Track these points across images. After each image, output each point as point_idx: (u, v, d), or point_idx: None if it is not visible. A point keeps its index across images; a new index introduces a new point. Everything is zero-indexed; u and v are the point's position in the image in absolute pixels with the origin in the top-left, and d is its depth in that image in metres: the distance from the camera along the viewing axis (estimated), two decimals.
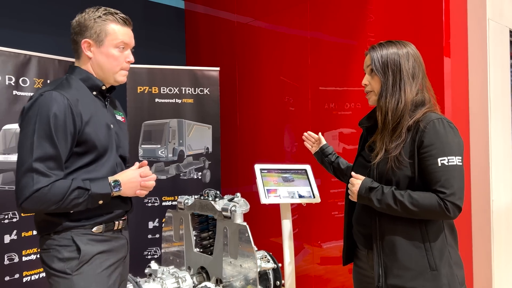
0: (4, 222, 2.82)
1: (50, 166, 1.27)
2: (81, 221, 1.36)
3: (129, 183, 1.40)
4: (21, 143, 1.28)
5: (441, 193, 1.38)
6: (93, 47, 1.42)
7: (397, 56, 1.50)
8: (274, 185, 1.94)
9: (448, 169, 1.38)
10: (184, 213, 2.57)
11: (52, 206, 1.27)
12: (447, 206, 1.38)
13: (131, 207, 1.53)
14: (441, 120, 1.42)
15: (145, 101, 3.62)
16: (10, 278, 2.83)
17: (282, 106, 3.78)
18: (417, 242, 1.42)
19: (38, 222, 1.39)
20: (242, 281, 2.12)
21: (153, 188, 1.52)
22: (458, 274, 1.45)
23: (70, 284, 1.32)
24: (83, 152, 1.35)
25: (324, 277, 3.44)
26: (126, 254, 1.52)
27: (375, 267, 1.46)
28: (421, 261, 1.41)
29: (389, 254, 1.44)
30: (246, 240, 2.10)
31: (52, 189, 1.26)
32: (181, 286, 2.30)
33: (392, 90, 1.49)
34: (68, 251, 1.33)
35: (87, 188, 1.30)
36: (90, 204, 1.32)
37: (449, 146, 1.39)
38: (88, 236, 1.37)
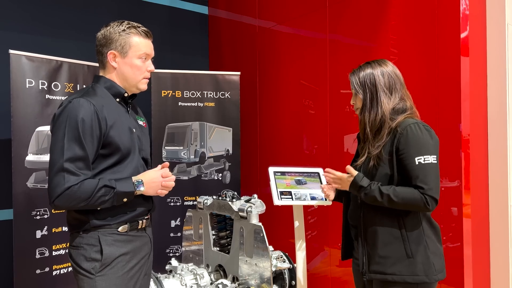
0: (36, 218, 3.00)
1: (79, 166, 1.39)
2: (107, 219, 1.47)
3: (151, 182, 1.50)
4: (52, 146, 1.41)
5: (420, 188, 1.57)
6: (118, 58, 1.54)
7: (372, 75, 1.72)
8: (287, 187, 2.01)
9: (424, 166, 1.57)
10: (203, 212, 2.68)
11: (82, 203, 1.38)
12: (426, 199, 1.56)
13: (153, 206, 1.64)
14: (416, 124, 1.62)
15: (169, 105, 3.76)
16: (41, 271, 3.00)
17: (302, 110, 3.84)
18: (395, 233, 1.60)
19: (69, 220, 1.52)
20: (257, 279, 2.20)
21: (174, 188, 1.62)
22: (435, 262, 1.61)
23: (93, 284, 1.43)
24: (108, 154, 1.47)
25: (341, 279, 3.47)
26: (150, 252, 1.63)
27: (360, 256, 1.66)
28: (399, 249, 1.59)
29: (371, 244, 1.63)
30: (261, 240, 2.18)
31: (82, 187, 1.37)
32: (199, 283, 2.40)
33: (370, 105, 1.71)
34: (94, 251, 1.44)
35: (113, 187, 1.42)
36: (115, 202, 1.43)
37: (425, 147, 1.58)
38: (114, 236, 1.47)
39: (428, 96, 2.88)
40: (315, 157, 3.70)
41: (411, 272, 1.58)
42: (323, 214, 3.60)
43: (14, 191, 2.91)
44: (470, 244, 2.73)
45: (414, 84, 2.94)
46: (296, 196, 2.01)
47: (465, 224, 2.69)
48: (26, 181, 2.96)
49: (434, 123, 2.84)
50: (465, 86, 2.75)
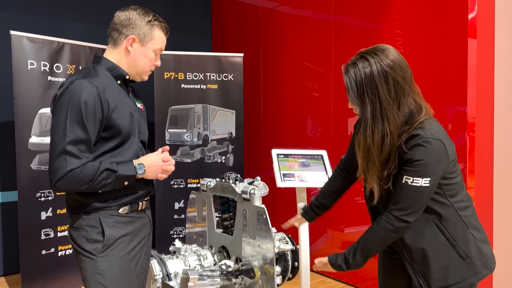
0: (41, 200, 3.02)
1: (81, 149, 1.38)
2: (108, 201, 1.47)
3: (152, 166, 1.50)
4: (54, 128, 1.40)
5: (388, 209, 1.43)
6: (135, 44, 1.53)
7: (372, 79, 1.36)
8: (290, 170, 2.01)
9: (407, 187, 1.38)
10: (206, 195, 2.68)
11: (83, 186, 1.38)
12: (388, 219, 1.42)
13: (153, 188, 1.64)
14: (424, 142, 1.36)
15: (172, 87, 3.73)
16: (46, 252, 3.04)
17: (306, 92, 3.81)
18: (441, 240, 1.45)
19: (69, 202, 1.52)
20: (260, 260, 2.21)
21: (177, 170, 1.61)
22: (487, 249, 1.49)
23: (95, 265, 1.44)
24: (109, 137, 1.46)
25: None
26: (150, 232, 1.64)
27: (414, 279, 1.48)
28: (452, 255, 1.44)
29: (421, 263, 1.46)
30: (264, 222, 2.19)
31: (83, 170, 1.37)
32: (203, 264, 2.42)
33: (372, 122, 1.38)
34: (96, 232, 1.45)
35: (115, 170, 1.41)
36: (116, 185, 1.43)
37: (422, 169, 1.37)
38: (114, 218, 1.48)
39: (434, 78, 2.85)
40: (319, 140, 3.69)
41: (473, 272, 1.44)
42: None
43: (18, 173, 2.93)
44: None
45: (420, 66, 2.90)
46: (300, 178, 2.00)
47: None
48: (30, 163, 2.97)
49: (440, 105, 2.81)
50: (472, 68, 2.71)
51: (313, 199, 1.86)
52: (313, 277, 3.56)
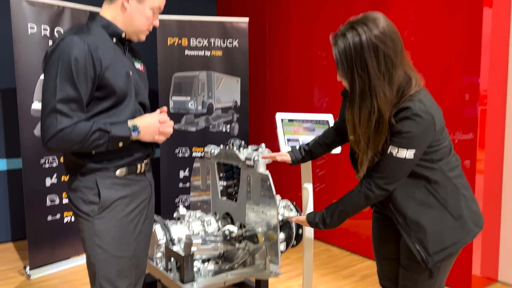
0: (45, 166, 3.02)
1: (72, 108, 1.34)
2: (103, 162, 1.43)
3: (147, 128, 1.45)
4: (44, 86, 1.35)
5: (370, 175, 1.42)
6: (132, 1, 1.45)
7: (361, 53, 1.30)
8: (295, 134, 1.95)
9: (391, 158, 1.38)
10: (210, 162, 2.65)
11: (75, 146, 1.35)
12: (369, 185, 1.43)
13: (152, 151, 1.60)
14: (413, 116, 1.33)
15: (175, 53, 3.65)
16: (52, 218, 3.06)
17: (313, 60, 3.71)
18: (433, 204, 1.45)
19: (66, 163, 1.49)
20: (264, 227, 2.20)
21: (182, 139, 1.56)
22: (476, 208, 1.51)
23: (92, 227, 1.42)
24: (103, 97, 1.41)
25: (349, 230, 3.49)
26: (150, 195, 1.61)
27: (411, 246, 1.47)
28: (446, 217, 1.45)
29: (416, 228, 1.46)
30: (268, 188, 2.16)
31: (75, 130, 1.33)
32: (206, 229, 2.41)
33: (360, 98, 1.35)
34: (92, 194, 1.42)
35: (108, 130, 1.37)
36: (110, 146, 1.39)
37: (408, 141, 1.35)
38: (112, 180, 1.45)
39: (446, 48, 2.73)
40: (326, 110, 3.61)
41: (467, 232, 1.46)
42: (332, 167, 3.57)
43: (21, 140, 2.91)
44: (482, 200, 2.68)
45: (432, 35, 2.78)
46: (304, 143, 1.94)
47: (478, 180, 2.63)
48: (33, 129, 2.95)
49: (452, 75, 2.71)
50: (486, 38, 2.59)
51: (303, 144, 1.84)
52: (317, 245, 3.58)
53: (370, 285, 2.85)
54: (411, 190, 1.46)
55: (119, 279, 1.45)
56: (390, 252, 1.66)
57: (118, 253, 1.44)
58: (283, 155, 1.86)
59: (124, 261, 1.46)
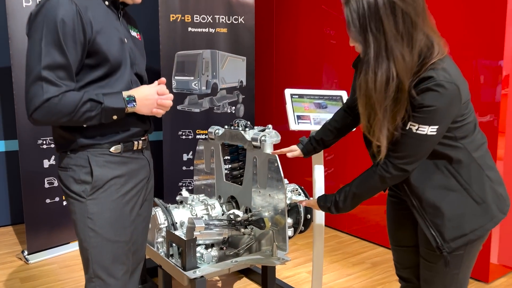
0: (43, 147, 2.90)
1: (59, 75, 1.20)
2: (95, 138, 1.30)
3: (144, 100, 1.32)
4: (29, 52, 1.21)
5: (387, 155, 1.28)
6: None
7: (376, 11, 1.15)
8: (306, 112, 1.80)
9: (411, 135, 1.23)
10: (214, 143, 2.52)
11: (63, 118, 1.21)
12: (385, 166, 1.29)
13: (150, 127, 1.46)
14: (436, 86, 1.18)
15: (178, 31, 3.49)
16: (51, 200, 2.96)
17: (323, 39, 3.53)
18: (454, 187, 1.31)
19: (55, 138, 1.36)
20: (271, 211, 2.07)
21: (186, 121, 1.42)
22: (502, 191, 1.36)
23: (84, 208, 1.30)
24: (94, 64, 1.27)
25: (358, 216, 3.37)
26: (149, 175, 1.47)
27: (426, 231, 1.34)
28: (467, 200, 1.31)
29: (433, 212, 1.32)
30: (276, 170, 2.03)
31: (63, 100, 1.20)
32: (210, 213, 2.29)
33: (376, 62, 1.18)
34: (84, 173, 1.29)
35: (100, 101, 1.23)
36: (103, 119, 1.26)
37: (430, 116, 1.20)
38: (105, 157, 1.31)
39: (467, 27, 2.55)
40: None
41: (489, 218, 1.32)
42: (341, 151, 3.42)
43: (17, 120, 2.79)
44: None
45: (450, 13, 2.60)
46: (316, 121, 1.80)
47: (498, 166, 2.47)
48: None
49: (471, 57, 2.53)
50: (511, 18, 2.40)
51: (312, 133, 1.70)
52: (326, 231, 3.46)
53: (381, 272, 2.73)
54: (429, 170, 1.32)
55: (114, 266, 1.33)
56: (407, 239, 1.53)
57: (113, 237, 1.32)
58: (292, 150, 1.73)
59: (120, 246, 1.34)
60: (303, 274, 2.71)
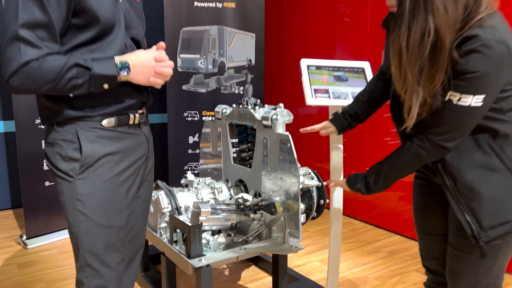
0: (40, 127, 2.75)
1: (40, 35, 1.03)
2: (85, 109, 1.14)
3: (140, 67, 1.14)
4: (5, 8, 1.04)
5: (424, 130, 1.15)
6: None
7: None
8: (324, 85, 1.62)
9: (451, 107, 1.08)
10: (222, 123, 2.35)
11: (45, 85, 1.05)
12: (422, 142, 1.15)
13: (148, 98, 1.29)
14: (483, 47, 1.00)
15: (183, 5, 3.30)
16: (50, 183, 2.82)
17: (335, 16, 3.32)
18: (496, 166, 1.14)
19: (40, 109, 1.21)
20: (282, 195, 1.91)
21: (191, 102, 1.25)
22: None
23: (73, 189, 1.14)
24: (83, 25, 1.10)
25: (372, 202, 3.21)
26: (147, 154, 1.31)
27: (460, 216, 1.17)
28: (511, 184, 1.14)
29: (469, 195, 1.16)
30: (288, 151, 1.85)
31: (44, 63, 1.03)
32: (217, 197, 2.14)
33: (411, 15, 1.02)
34: (72, 149, 1.14)
35: (88, 67, 1.07)
36: (93, 88, 1.09)
37: (475, 83, 1.04)
38: (97, 132, 1.15)
39: None
40: None
41: None
42: (354, 137, 3.24)
43: (14, 100, 2.64)
44: None
45: None
46: (335, 95, 1.62)
47: None
48: None
49: None
50: None
51: (345, 107, 1.53)
52: None
53: (399, 262, 2.57)
54: (467, 146, 1.16)
55: (107, 253, 1.17)
56: (436, 226, 1.37)
57: (105, 222, 1.16)
58: (326, 126, 1.56)
59: (114, 232, 1.18)
60: (315, 262, 2.56)
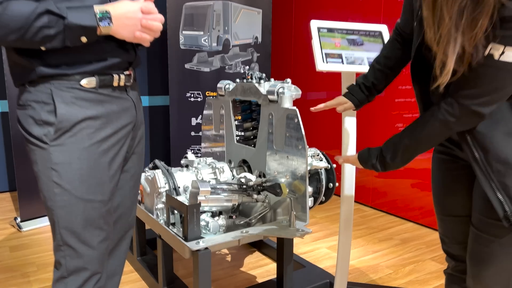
0: None
1: None
2: (61, 67, 0.99)
3: (124, 18, 0.98)
4: None
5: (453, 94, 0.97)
6: None
7: None
8: (336, 49, 1.45)
9: (491, 63, 0.90)
10: (225, 99, 2.20)
11: (11, 35, 0.90)
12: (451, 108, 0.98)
13: (135, 58, 1.13)
14: None
15: None
16: None
17: None
18: None
19: (11, 66, 1.06)
20: (288, 176, 1.76)
21: (194, 81, 1.11)
22: None
23: (47, 157, 1.00)
24: None
25: (381, 189, 3.06)
26: (135, 121, 1.15)
27: (490, 194, 1.02)
28: None
29: (503, 170, 1.01)
30: (296, 127, 1.70)
31: (9, 8, 0.88)
32: (219, 177, 1.99)
33: None
34: (46, 111, 0.99)
35: (61, 15, 0.91)
36: (68, 41, 0.94)
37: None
38: (74, 92, 1.00)
39: None
40: None
41: None
42: (364, 122, 3.06)
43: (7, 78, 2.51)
44: None
45: None
46: (349, 60, 1.45)
47: None
48: None
49: None
50: None
51: (359, 79, 1.34)
52: None
53: (412, 250, 2.41)
54: (504, 113, 0.99)
55: (87, 231, 1.03)
56: (459, 207, 1.21)
57: (84, 195, 1.02)
58: (341, 102, 1.36)
59: (94, 207, 1.04)
60: (323, 249, 2.41)
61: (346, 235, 1.73)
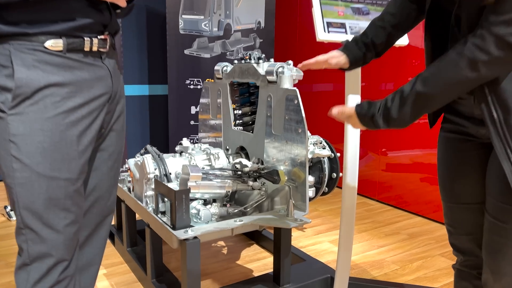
0: None
1: None
2: (20, 25, 0.87)
3: None
4: None
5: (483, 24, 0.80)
6: None
7: None
8: (340, 18, 1.31)
9: None
10: (222, 82, 2.07)
11: None
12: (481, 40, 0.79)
13: (111, 20, 1.00)
14: None
15: None
16: None
17: None
18: None
19: None
20: (287, 163, 1.63)
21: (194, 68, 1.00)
22: None
23: (4, 127, 0.88)
24: None
25: (388, 183, 2.92)
26: (111, 93, 1.02)
27: (505, 166, 0.87)
28: None
29: None
30: (295, 110, 1.57)
31: None
32: (213, 164, 1.87)
33: None
34: (4, 75, 0.87)
35: None
36: None
37: None
38: (37, 55, 0.88)
39: None
40: None
41: None
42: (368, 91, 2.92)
43: None
44: None
45: None
46: (353, 30, 1.31)
47: None
48: None
49: None
50: None
51: (358, 36, 1.17)
52: None
53: (421, 245, 2.27)
54: None
55: (51, 212, 0.91)
56: (469, 193, 1.07)
57: (47, 171, 0.90)
58: (334, 56, 1.16)
59: (60, 185, 0.91)
60: (325, 243, 2.28)
61: (348, 225, 1.60)
